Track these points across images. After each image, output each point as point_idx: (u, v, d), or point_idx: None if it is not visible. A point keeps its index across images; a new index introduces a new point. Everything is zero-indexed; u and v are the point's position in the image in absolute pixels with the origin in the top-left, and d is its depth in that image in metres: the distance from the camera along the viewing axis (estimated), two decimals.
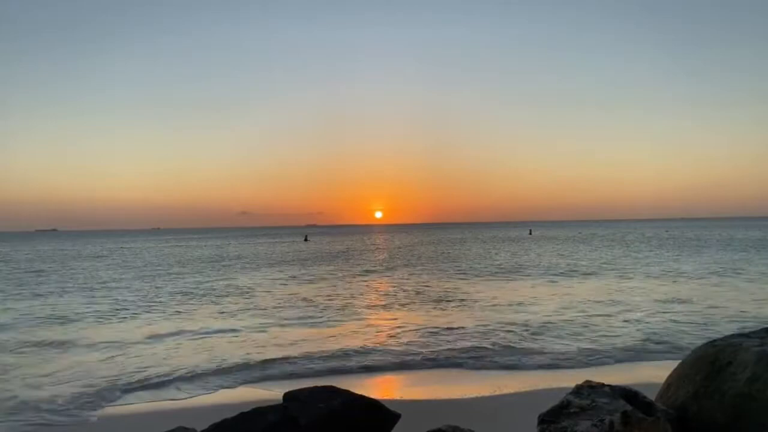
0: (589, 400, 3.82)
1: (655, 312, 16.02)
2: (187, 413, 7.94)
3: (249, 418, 4.21)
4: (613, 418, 3.54)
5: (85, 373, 10.47)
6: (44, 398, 8.89)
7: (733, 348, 4.07)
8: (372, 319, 16.10)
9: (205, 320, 16.44)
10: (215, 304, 19.75)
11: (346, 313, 17.36)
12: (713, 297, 18.81)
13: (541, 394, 8.05)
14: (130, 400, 8.83)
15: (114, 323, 16.30)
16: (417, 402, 8.25)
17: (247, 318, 16.68)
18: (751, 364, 3.81)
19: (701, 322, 14.31)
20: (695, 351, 4.43)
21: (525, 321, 15.03)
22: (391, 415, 4.43)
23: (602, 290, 21.49)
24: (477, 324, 14.72)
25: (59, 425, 7.75)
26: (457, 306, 18.26)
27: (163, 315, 17.60)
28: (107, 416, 8.12)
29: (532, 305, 18.00)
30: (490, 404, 8.10)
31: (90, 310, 18.92)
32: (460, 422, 4.28)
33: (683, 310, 16.20)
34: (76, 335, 14.40)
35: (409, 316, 16.58)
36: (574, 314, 15.94)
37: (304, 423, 4.08)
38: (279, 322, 15.69)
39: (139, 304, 20.03)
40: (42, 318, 17.30)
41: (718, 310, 16.11)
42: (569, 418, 3.70)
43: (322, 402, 4.23)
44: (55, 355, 12.21)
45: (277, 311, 17.90)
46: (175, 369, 10.57)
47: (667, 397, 4.29)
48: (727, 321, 14.39)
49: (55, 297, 22.84)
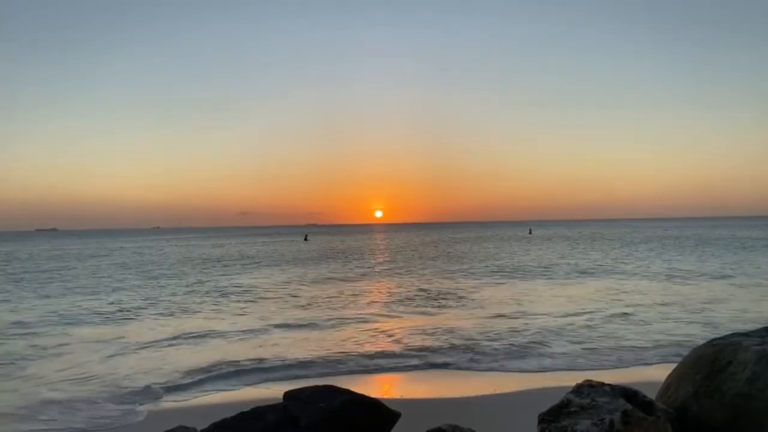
0: (589, 399, 3.82)
1: (655, 311, 16.03)
2: (188, 412, 7.95)
3: (249, 418, 4.21)
4: (613, 418, 3.54)
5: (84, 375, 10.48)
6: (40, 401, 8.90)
7: (732, 347, 4.07)
8: (373, 319, 16.10)
9: (205, 320, 16.46)
10: (216, 304, 19.75)
11: (347, 312, 17.36)
12: (713, 296, 18.80)
13: (541, 393, 8.05)
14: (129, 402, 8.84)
15: (114, 324, 16.32)
16: (417, 401, 8.26)
17: (247, 318, 16.68)
18: (751, 364, 3.81)
19: (701, 322, 14.32)
20: (695, 350, 4.43)
21: (525, 321, 15.03)
22: (391, 415, 4.43)
23: (602, 290, 21.48)
24: (477, 324, 14.73)
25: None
26: (457, 305, 18.26)
27: (164, 315, 17.60)
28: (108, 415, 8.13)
29: (532, 305, 18.00)
30: (490, 403, 8.10)
31: (86, 310, 18.93)
32: (461, 421, 4.29)
33: (683, 309, 16.20)
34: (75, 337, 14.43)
35: (409, 315, 16.58)
36: (575, 314, 15.94)
37: (305, 423, 4.08)
38: (279, 322, 15.68)
39: (141, 304, 20.03)
40: (59, 316, 17.31)
41: (718, 310, 16.11)
42: (569, 417, 3.70)
43: (323, 401, 4.23)
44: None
45: (277, 311, 17.90)
46: (177, 369, 10.57)
47: (667, 396, 4.29)
48: (727, 320, 14.39)
49: (69, 296, 22.86)
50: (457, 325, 14.57)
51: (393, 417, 4.45)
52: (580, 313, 16.12)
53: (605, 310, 16.55)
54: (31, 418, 8.00)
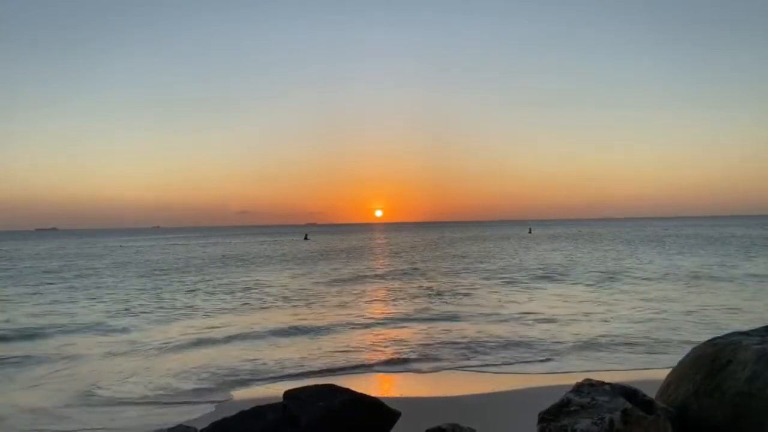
0: (589, 398, 3.81)
1: (657, 310, 16.02)
2: (188, 412, 7.95)
3: (249, 417, 4.21)
4: (613, 417, 3.54)
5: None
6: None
7: (733, 346, 4.06)
8: (373, 318, 16.11)
9: (206, 319, 16.47)
10: (216, 304, 19.75)
11: (347, 312, 17.37)
12: (714, 295, 18.80)
13: (542, 392, 8.05)
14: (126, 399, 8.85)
15: (114, 325, 16.33)
16: (417, 400, 8.26)
17: (248, 317, 16.69)
18: (751, 363, 3.80)
19: (702, 321, 14.31)
20: (695, 349, 4.42)
21: (526, 320, 15.04)
22: (391, 414, 4.43)
23: (604, 289, 21.49)
24: (478, 323, 14.74)
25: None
26: (457, 305, 18.26)
27: (165, 314, 17.61)
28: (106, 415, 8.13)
29: (533, 304, 18.02)
30: (490, 402, 8.11)
31: (77, 312, 18.94)
32: (461, 420, 4.28)
33: (684, 308, 16.19)
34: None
35: (410, 315, 16.58)
36: (577, 313, 15.95)
37: (305, 422, 4.08)
38: (280, 322, 15.69)
39: (145, 306, 20.05)
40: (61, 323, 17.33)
41: (719, 308, 16.10)
42: (569, 416, 3.70)
43: (323, 401, 4.23)
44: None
45: (278, 310, 17.91)
46: (176, 370, 10.58)
47: (667, 395, 4.29)
48: (728, 318, 14.39)
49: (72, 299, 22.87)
50: (458, 324, 14.58)
51: (393, 416, 4.44)
52: (582, 312, 16.13)
53: (607, 309, 16.56)
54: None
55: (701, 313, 15.43)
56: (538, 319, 15.11)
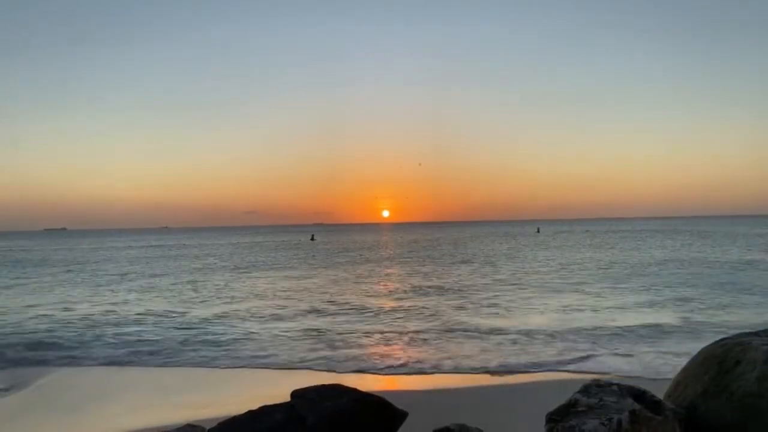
0: (597, 398, 3.80)
1: (662, 310, 15.93)
2: (195, 411, 7.99)
3: (257, 417, 4.22)
4: (621, 417, 3.52)
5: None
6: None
7: (741, 346, 4.03)
8: (381, 319, 16.13)
9: (209, 317, 16.55)
10: (219, 303, 19.85)
11: (355, 312, 17.39)
12: (725, 294, 18.67)
13: (549, 392, 8.03)
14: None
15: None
16: (425, 400, 8.26)
17: (252, 315, 16.75)
18: (760, 363, 3.78)
19: (710, 321, 14.22)
20: (703, 350, 4.39)
21: (534, 321, 15.00)
22: (398, 414, 4.43)
23: (611, 290, 21.39)
24: (486, 324, 14.71)
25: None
26: (467, 306, 18.22)
27: (167, 316, 17.73)
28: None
29: (542, 305, 17.97)
30: (498, 403, 8.10)
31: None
32: (468, 421, 4.28)
33: (691, 308, 16.10)
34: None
35: (417, 315, 16.58)
36: (582, 313, 15.90)
37: (312, 421, 4.09)
38: (285, 321, 15.75)
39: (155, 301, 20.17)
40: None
41: (726, 307, 15.99)
42: (577, 416, 3.68)
43: (330, 400, 4.24)
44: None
45: (280, 310, 17.96)
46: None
47: (676, 396, 4.26)
48: (737, 318, 14.28)
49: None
50: (468, 324, 14.57)
51: (400, 416, 4.44)
52: (588, 311, 16.06)
53: (613, 309, 16.49)
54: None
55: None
56: (546, 318, 15.06)
